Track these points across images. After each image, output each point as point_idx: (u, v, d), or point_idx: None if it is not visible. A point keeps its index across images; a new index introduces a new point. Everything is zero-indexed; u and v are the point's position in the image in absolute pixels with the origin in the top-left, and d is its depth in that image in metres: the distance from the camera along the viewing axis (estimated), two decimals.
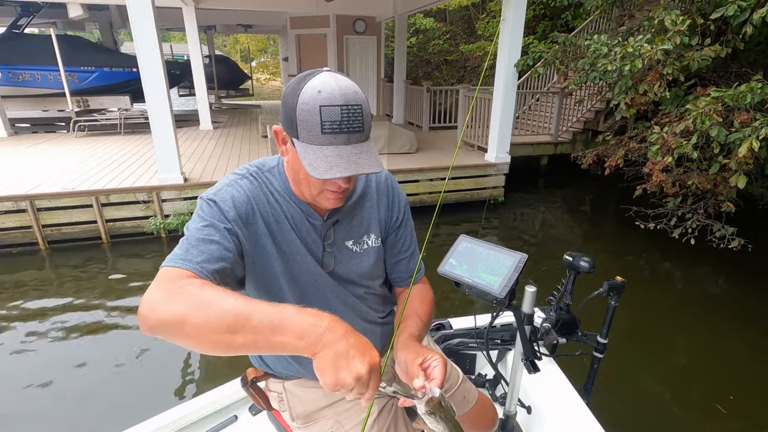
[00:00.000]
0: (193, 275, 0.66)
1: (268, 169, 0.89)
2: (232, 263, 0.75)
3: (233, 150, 6.52)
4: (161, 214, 4.60)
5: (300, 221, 0.88)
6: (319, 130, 0.71)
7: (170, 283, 0.63)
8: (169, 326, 0.58)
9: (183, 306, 0.58)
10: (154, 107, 4.29)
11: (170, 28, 14.14)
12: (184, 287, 0.61)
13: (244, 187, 0.82)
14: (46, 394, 2.47)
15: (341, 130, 0.72)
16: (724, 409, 2.38)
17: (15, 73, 8.41)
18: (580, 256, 1.23)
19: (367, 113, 0.76)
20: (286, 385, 1.03)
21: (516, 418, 1.23)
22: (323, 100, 0.70)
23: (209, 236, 0.73)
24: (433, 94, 8.01)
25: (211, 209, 0.77)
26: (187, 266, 0.67)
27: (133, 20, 3.99)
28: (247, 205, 0.81)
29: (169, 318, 0.58)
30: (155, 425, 1.30)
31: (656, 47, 3.31)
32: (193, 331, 0.57)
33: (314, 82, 0.71)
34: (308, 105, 0.70)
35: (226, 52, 28.21)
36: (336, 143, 0.72)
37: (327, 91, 0.70)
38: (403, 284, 1.05)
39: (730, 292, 3.81)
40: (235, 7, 8.54)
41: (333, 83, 0.71)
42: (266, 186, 0.86)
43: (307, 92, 0.71)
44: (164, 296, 0.61)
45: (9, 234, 4.25)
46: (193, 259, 0.68)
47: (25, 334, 3.02)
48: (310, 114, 0.70)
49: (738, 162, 3.26)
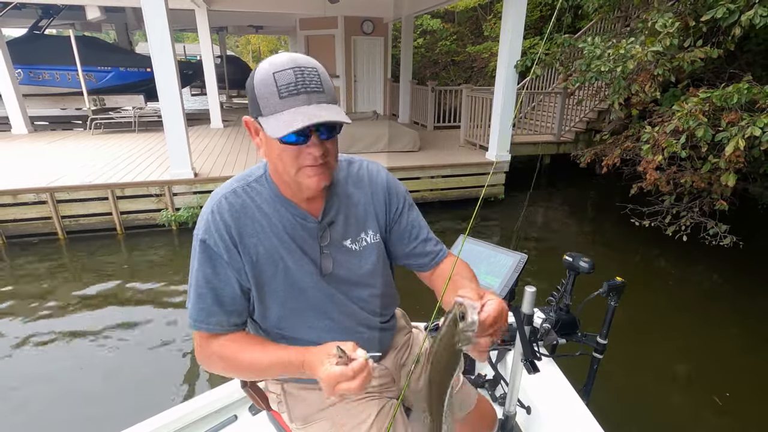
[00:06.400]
0: (214, 336, 0.85)
1: (255, 179, 0.87)
2: (240, 296, 0.86)
3: (242, 147, 6.74)
4: (172, 207, 4.82)
5: (293, 228, 0.86)
6: (277, 96, 0.71)
7: (201, 352, 0.86)
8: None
9: (218, 369, 0.86)
10: (167, 106, 4.50)
11: (183, 29, 14.46)
12: (212, 358, 0.85)
13: (225, 212, 0.83)
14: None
15: (298, 91, 0.71)
16: (720, 401, 2.41)
17: (36, 73, 8.72)
18: (579, 256, 1.24)
19: (326, 77, 0.75)
20: (284, 386, 1.02)
21: (515, 419, 1.23)
22: (275, 68, 0.72)
23: (214, 288, 0.84)
24: (438, 94, 8.15)
25: (205, 252, 0.83)
26: (209, 329, 0.85)
27: (148, 22, 4.20)
28: (233, 230, 0.83)
29: (215, 372, 0.88)
30: (155, 425, 1.31)
31: (647, 49, 3.41)
32: (232, 376, 0.87)
33: (266, 61, 0.75)
34: (263, 77, 0.72)
35: (238, 53, 28.58)
36: (296, 105, 0.72)
37: (278, 61, 0.73)
38: (427, 268, 1.00)
39: (726, 289, 3.86)
40: (245, 8, 8.75)
41: (284, 56, 0.74)
42: (253, 199, 0.85)
43: (261, 69, 0.74)
44: (203, 363, 0.86)
45: (31, 224, 4.50)
46: (211, 321, 0.84)
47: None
48: (266, 84, 0.72)
49: (727, 161, 3.34)
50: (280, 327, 0.91)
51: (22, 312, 3.28)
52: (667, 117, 3.83)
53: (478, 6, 11.62)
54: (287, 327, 0.91)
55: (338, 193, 0.92)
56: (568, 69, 5.32)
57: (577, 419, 1.24)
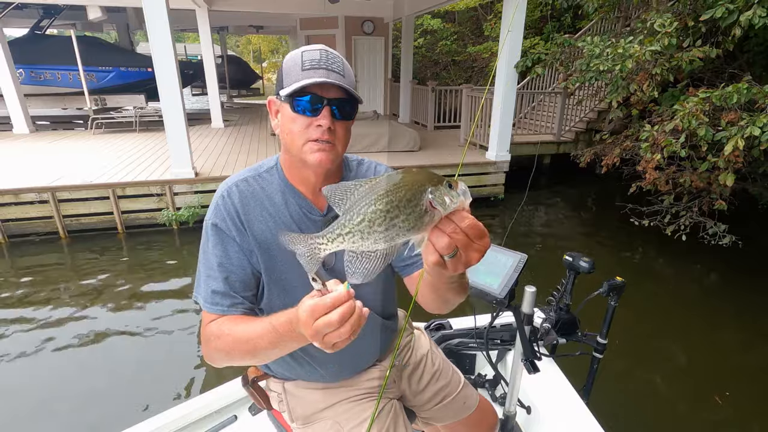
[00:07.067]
0: (221, 317, 0.83)
1: (266, 169, 0.90)
2: (251, 278, 0.86)
3: (242, 147, 6.75)
4: (173, 206, 4.83)
5: (300, 218, 0.88)
6: (299, 68, 0.77)
7: (204, 332, 0.84)
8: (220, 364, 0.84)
9: (217, 349, 0.81)
10: (168, 105, 4.52)
11: (184, 29, 14.48)
12: (212, 338, 0.81)
13: (235, 197, 0.85)
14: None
15: (320, 66, 0.76)
16: (720, 400, 2.41)
17: (37, 73, 8.77)
18: (580, 256, 1.23)
19: (348, 68, 0.81)
20: (286, 386, 1.03)
21: (516, 419, 1.23)
22: (305, 49, 0.79)
23: (226, 269, 0.83)
24: (438, 94, 8.16)
25: (217, 235, 0.85)
26: (221, 311, 0.83)
27: (149, 22, 4.22)
28: (242, 215, 0.85)
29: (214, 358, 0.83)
30: (155, 425, 1.31)
31: (645, 48, 3.42)
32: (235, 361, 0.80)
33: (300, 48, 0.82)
34: (292, 56, 0.80)
35: (238, 53, 28.63)
36: (314, 76, 0.75)
37: (310, 47, 0.80)
38: (412, 270, 0.93)
39: (726, 288, 3.86)
40: (246, 8, 8.78)
41: (316, 45, 0.81)
42: (263, 188, 0.88)
43: (293, 52, 0.82)
44: (205, 344, 0.83)
45: (32, 223, 4.52)
46: (224, 303, 0.83)
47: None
48: (293, 60, 0.79)
49: (725, 160, 3.35)
50: None
51: (26, 310, 3.30)
52: (667, 116, 3.84)
53: (478, 6, 11.62)
54: None
55: None
56: (568, 69, 5.33)
57: (577, 419, 1.24)
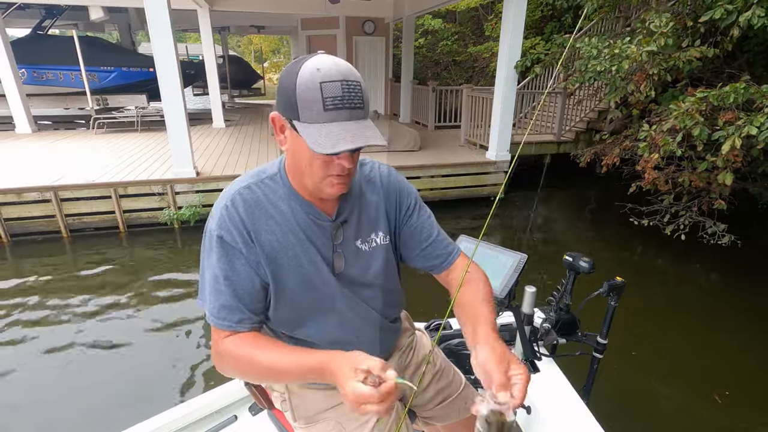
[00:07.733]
0: (231, 334, 0.82)
1: (269, 176, 0.87)
2: (259, 291, 0.84)
3: (243, 147, 6.78)
4: (175, 205, 4.86)
5: (307, 225, 0.86)
6: (321, 106, 0.70)
7: (216, 349, 0.83)
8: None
9: (231, 369, 0.81)
10: (169, 105, 4.55)
11: (186, 29, 14.52)
12: (226, 357, 0.80)
13: (240, 207, 0.82)
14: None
15: (343, 105, 0.71)
16: (720, 400, 2.42)
17: (39, 73, 8.80)
18: (580, 256, 1.23)
19: (366, 92, 0.76)
20: (288, 385, 1.01)
21: (515, 419, 1.27)
22: (323, 77, 0.70)
23: (233, 284, 0.81)
24: (439, 94, 8.18)
25: (223, 248, 0.81)
26: (229, 327, 0.82)
27: (151, 22, 4.25)
28: (248, 225, 0.82)
29: (226, 372, 0.83)
30: (155, 425, 1.31)
31: (641, 48, 3.43)
32: (247, 379, 0.79)
33: (311, 62, 0.71)
34: (308, 83, 0.70)
35: (240, 53, 28.67)
36: (339, 119, 0.71)
37: (325, 69, 0.70)
38: (439, 270, 0.99)
39: (726, 288, 3.87)
40: (247, 9, 8.80)
41: (330, 61, 0.72)
42: (267, 196, 0.84)
43: (306, 71, 0.70)
44: (217, 361, 0.83)
45: (35, 222, 4.55)
46: (233, 318, 0.81)
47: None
48: (311, 92, 0.70)
49: (724, 159, 3.36)
50: (289, 324, 0.91)
51: (28, 309, 3.34)
52: (665, 116, 3.86)
53: (479, 6, 11.63)
54: (296, 324, 0.91)
55: (352, 194, 0.92)
56: (568, 69, 5.35)
57: (578, 419, 1.25)
